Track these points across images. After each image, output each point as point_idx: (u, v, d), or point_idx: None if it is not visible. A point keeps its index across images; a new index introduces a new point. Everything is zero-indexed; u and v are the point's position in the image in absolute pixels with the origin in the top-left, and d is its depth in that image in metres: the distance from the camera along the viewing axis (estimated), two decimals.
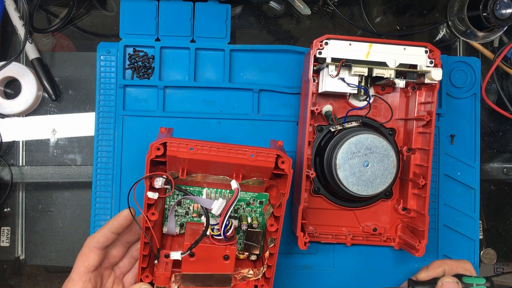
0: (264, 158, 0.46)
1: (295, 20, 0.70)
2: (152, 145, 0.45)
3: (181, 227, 0.53)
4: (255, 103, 0.65)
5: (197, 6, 0.65)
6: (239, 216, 0.52)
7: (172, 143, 0.45)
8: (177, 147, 0.45)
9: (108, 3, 0.69)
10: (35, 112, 0.67)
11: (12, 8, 0.65)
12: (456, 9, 0.68)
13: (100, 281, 0.49)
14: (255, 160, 0.46)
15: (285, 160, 0.47)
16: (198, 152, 0.45)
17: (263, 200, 0.52)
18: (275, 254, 0.50)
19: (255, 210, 0.52)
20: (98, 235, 0.48)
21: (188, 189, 0.51)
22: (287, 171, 0.47)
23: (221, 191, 0.51)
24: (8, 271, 0.67)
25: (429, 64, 0.57)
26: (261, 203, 0.52)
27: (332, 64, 0.56)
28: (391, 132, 0.63)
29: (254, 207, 0.52)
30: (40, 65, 0.66)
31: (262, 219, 0.52)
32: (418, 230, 0.59)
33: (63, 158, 0.67)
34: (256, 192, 0.52)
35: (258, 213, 0.53)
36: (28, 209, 0.67)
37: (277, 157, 0.47)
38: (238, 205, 0.52)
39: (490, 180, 0.71)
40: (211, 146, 0.45)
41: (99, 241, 0.47)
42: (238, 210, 0.52)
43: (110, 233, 0.48)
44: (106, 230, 0.48)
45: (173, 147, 0.45)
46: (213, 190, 0.51)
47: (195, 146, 0.45)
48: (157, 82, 0.64)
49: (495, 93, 0.71)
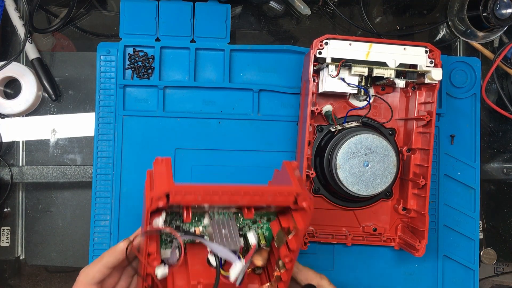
0: (284, 199, 0.40)
1: (295, 20, 0.70)
2: (153, 196, 0.37)
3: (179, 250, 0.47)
4: (255, 103, 0.65)
5: (197, 6, 0.65)
6: (244, 234, 0.47)
7: (177, 193, 0.38)
8: (182, 196, 0.38)
9: (108, 3, 0.69)
10: (35, 112, 0.67)
11: (12, 8, 0.65)
12: (456, 9, 0.68)
13: None
14: (274, 201, 0.40)
15: (306, 199, 0.40)
16: (207, 199, 0.39)
17: (271, 217, 0.47)
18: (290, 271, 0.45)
19: (261, 227, 0.47)
20: (94, 271, 0.44)
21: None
22: (307, 209, 0.40)
23: (225, 214, 0.45)
24: (8, 271, 0.67)
25: (429, 64, 0.57)
26: (268, 220, 0.47)
27: (332, 64, 0.56)
28: (391, 132, 0.63)
29: (260, 224, 0.47)
30: (40, 65, 0.66)
31: (269, 234, 0.47)
32: (418, 230, 0.59)
33: (63, 158, 0.67)
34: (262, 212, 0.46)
35: (265, 229, 0.47)
36: (28, 209, 0.67)
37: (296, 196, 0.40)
38: (244, 223, 0.47)
39: (490, 180, 0.71)
40: (222, 193, 0.38)
41: (94, 277, 0.44)
42: (243, 228, 0.47)
43: (106, 268, 0.44)
44: (101, 266, 0.44)
45: (178, 197, 0.38)
46: (216, 213, 0.45)
47: (204, 196, 0.38)
48: (157, 82, 0.64)
49: (495, 93, 0.71)
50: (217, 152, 0.65)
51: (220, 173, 0.64)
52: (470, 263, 0.66)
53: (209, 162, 0.64)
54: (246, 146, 0.65)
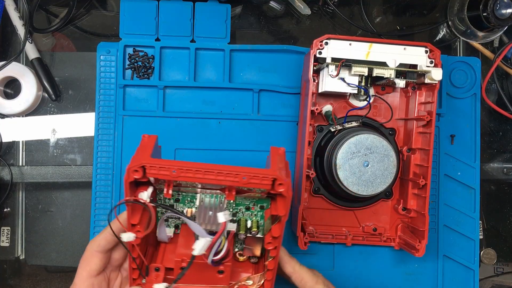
0: (259, 181, 0.41)
1: (295, 20, 0.70)
2: (129, 168, 0.40)
3: (177, 228, 0.50)
4: (255, 103, 0.65)
5: (197, 6, 0.65)
6: (238, 220, 0.48)
7: (152, 166, 0.40)
8: (157, 170, 0.40)
9: (108, 3, 0.69)
10: (35, 112, 0.67)
11: (12, 8, 0.65)
12: (456, 9, 0.68)
13: (106, 285, 0.48)
14: (248, 183, 0.41)
15: (282, 183, 0.41)
16: (182, 175, 0.40)
17: (264, 205, 0.48)
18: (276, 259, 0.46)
19: (255, 214, 0.48)
20: (99, 238, 0.47)
21: (181, 194, 0.48)
22: (285, 194, 0.41)
23: (216, 197, 0.47)
24: (8, 271, 0.67)
25: (429, 64, 0.57)
26: (262, 208, 0.48)
27: (332, 64, 0.56)
28: (391, 132, 0.63)
29: (254, 211, 0.48)
30: (40, 65, 0.66)
31: (264, 223, 0.48)
32: (418, 230, 0.59)
33: (63, 158, 0.67)
34: (256, 199, 0.48)
35: (259, 217, 0.48)
36: (28, 209, 0.67)
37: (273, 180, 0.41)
38: (237, 209, 0.48)
39: (490, 180, 0.71)
40: (196, 170, 0.40)
41: (100, 244, 0.46)
42: (237, 214, 0.48)
43: (111, 236, 0.47)
44: (106, 233, 0.46)
45: (153, 170, 0.40)
46: (207, 195, 0.47)
47: (178, 170, 0.40)
48: (157, 82, 0.64)
49: (495, 93, 0.71)
50: (217, 152, 0.65)
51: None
52: (470, 263, 0.66)
53: (209, 162, 0.64)
54: (246, 146, 0.65)
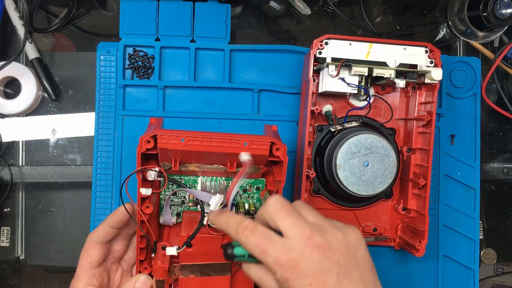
0: (258, 146, 0.45)
1: (295, 20, 0.70)
2: (142, 138, 0.44)
3: (178, 216, 0.52)
4: (255, 103, 0.65)
5: (197, 6, 0.65)
6: (236, 203, 0.51)
7: (163, 135, 0.44)
8: (167, 139, 0.44)
9: (108, 3, 0.69)
10: (35, 112, 0.67)
11: (12, 8, 0.65)
12: (456, 9, 0.68)
13: (107, 277, 0.49)
14: (249, 148, 0.45)
15: (279, 147, 0.46)
16: (190, 144, 0.44)
17: (260, 186, 0.52)
18: None
19: (252, 196, 0.52)
20: (98, 230, 0.47)
21: (183, 178, 0.50)
22: (282, 158, 0.46)
23: (216, 179, 0.51)
24: (8, 271, 0.67)
25: (429, 64, 0.57)
26: (258, 189, 0.52)
27: (332, 64, 0.56)
28: (391, 132, 0.63)
29: (251, 193, 0.52)
30: (40, 65, 0.66)
31: (260, 205, 0.52)
32: (418, 230, 0.59)
33: (63, 158, 0.67)
34: (252, 178, 0.51)
35: (256, 199, 0.52)
36: (28, 209, 0.67)
37: (271, 144, 0.46)
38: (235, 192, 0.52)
39: (490, 180, 0.71)
40: (202, 137, 0.44)
41: (99, 236, 0.47)
42: (235, 197, 0.51)
43: (110, 228, 0.47)
44: (105, 225, 0.47)
45: (164, 139, 0.44)
46: (208, 178, 0.50)
47: (187, 138, 0.44)
48: (157, 82, 0.64)
49: (495, 93, 0.71)
50: None
51: None
52: (470, 263, 0.66)
53: None
54: None
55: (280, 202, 0.40)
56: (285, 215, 0.39)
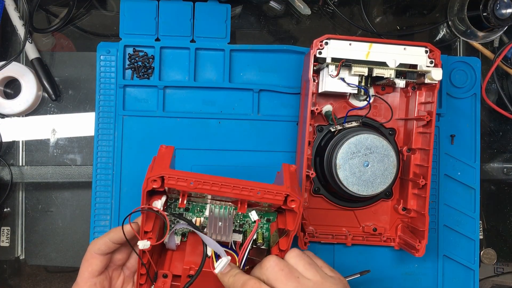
0: (272, 197, 0.43)
1: (295, 20, 0.70)
2: (148, 178, 0.41)
3: (183, 236, 0.50)
4: (255, 103, 0.65)
5: (197, 6, 0.65)
6: (244, 231, 0.49)
7: (170, 177, 0.41)
8: (175, 181, 0.41)
9: (108, 3, 0.69)
10: (35, 112, 0.67)
11: (12, 8, 0.65)
12: (456, 9, 0.68)
13: (108, 284, 0.48)
14: (262, 198, 0.43)
15: (294, 199, 0.43)
16: (199, 187, 0.42)
17: (271, 218, 0.49)
18: None
19: (261, 226, 0.49)
20: (100, 242, 0.47)
21: (191, 204, 0.48)
22: (296, 210, 0.43)
23: (225, 208, 0.48)
24: (8, 271, 0.67)
25: (429, 64, 0.57)
26: (268, 221, 0.50)
27: (332, 64, 0.56)
28: (391, 132, 0.63)
29: (260, 223, 0.49)
30: (40, 65, 0.66)
31: (269, 235, 0.50)
32: (418, 230, 0.59)
33: (63, 158, 0.67)
34: (263, 212, 0.49)
35: (265, 229, 0.50)
36: (28, 209, 0.67)
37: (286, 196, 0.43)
38: (244, 220, 0.49)
39: (490, 180, 0.71)
40: (213, 183, 0.42)
41: (100, 249, 0.47)
42: (244, 225, 0.49)
43: (111, 243, 0.47)
44: (107, 239, 0.47)
45: (171, 181, 0.41)
46: (217, 206, 0.48)
47: (196, 182, 0.41)
48: (157, 82, 0.64)
49: (495, 93, 0.71)
50: (217, 152, 0.65)
51: (220, 173, 0.64)
52: (470, 263, 0.66)
53: (209, 162, 0.64)
54: (246, 146, 0.65)
55: (278, 266, 0.41)
56: (285, 280, 0.40)
